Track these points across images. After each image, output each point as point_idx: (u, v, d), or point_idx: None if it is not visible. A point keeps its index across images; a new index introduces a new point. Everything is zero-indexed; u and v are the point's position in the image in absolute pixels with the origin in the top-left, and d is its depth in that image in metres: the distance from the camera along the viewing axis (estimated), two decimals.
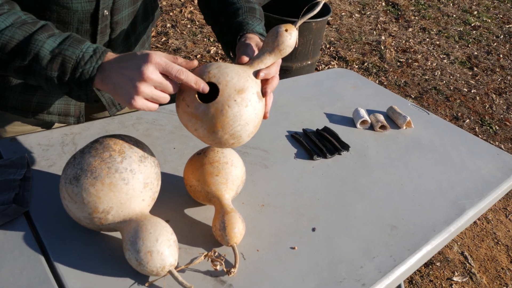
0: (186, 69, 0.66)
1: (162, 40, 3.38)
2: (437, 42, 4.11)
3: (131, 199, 0.65)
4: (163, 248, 0.62)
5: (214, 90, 0.68)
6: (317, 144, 1.06)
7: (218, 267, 0.67)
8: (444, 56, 3.89)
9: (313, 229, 0.81)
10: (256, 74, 0.71)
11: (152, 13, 1.04)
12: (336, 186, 0.94)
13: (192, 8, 3.88)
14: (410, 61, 3.68)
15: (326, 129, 1.12)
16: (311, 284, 0.70)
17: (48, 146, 0.90)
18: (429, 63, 3.71)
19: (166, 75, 0.66)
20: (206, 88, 0.66)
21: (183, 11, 3.81)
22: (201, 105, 0.67)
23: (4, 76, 0.89)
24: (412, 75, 3.48)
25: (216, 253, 0.68)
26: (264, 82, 0.73)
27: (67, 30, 0.84)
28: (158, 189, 0.72)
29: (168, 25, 3.58)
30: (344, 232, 0.82)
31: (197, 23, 3.66)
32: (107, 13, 0.86)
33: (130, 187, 0.65)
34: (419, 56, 3.80)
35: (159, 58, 0.65)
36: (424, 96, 3.24)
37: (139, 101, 0.64)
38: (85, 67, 0.66)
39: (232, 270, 0.67)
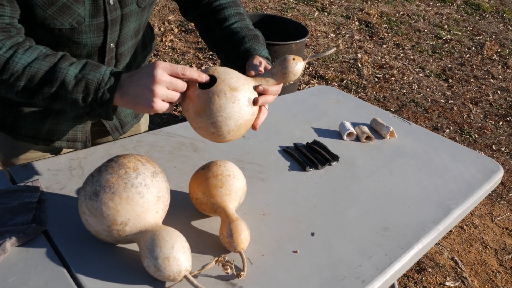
0: (188, 67, 0.75)
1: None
2: (412, 57, 4.29)
3: (146, 211, 0.71)
4: (179, 254, 0.68)
5: (214, 83, 0.77)
6: (308, 156, 1.13)
7: (228, 271, 0.72)
8: (420, 69, 4.06)
9: (312, 234, 0.88)
10: (255, 87, 0.80)
11: (150, 43, 1.12)
12: (329, 194, 1.01)
13: (172, 37, 3.98)
14: (387, 76, 3.83)
15: (315, 142, 1.20)
16: (315, 284, 0.76)
17: (57, 170, 0.95)
18: (405, 77, 3.87)
19: (173, 76, 0.75)
20: (207, 78, 0.75)
21: (163, 40, 3.90)
22: (197, 89, 0.76)
23: (18, 107, 0.94)
24: (390, 90, 3.62)
25: (226, 258, 0.73)
26: (261, 95, 0.81)
27: None
28: (168, 203, 0.78)
29: (151, 54, 3.66)
30: (340, 235, 0.88)
31: (178, 50, 3.75)
32: (113, 46, 0.93)
33: (145, 200, 0.70)
34: (395, 71, 3.96)
35: (164, 63, 0.74)
36: (403, 109, 3.37)
37: (158, 103, 0.73)
38: (105, 87, 0.75)
39: (242, 273, 0.73)
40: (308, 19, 4.84)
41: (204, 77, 0.76)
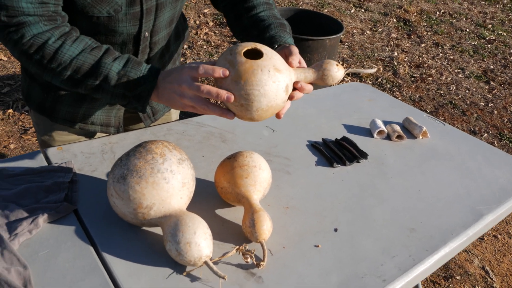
0: (210, 67, 0.76)
1: (181, 61, 3.50)
2: (451, 57, 4.16)
3: (171, 197, 0.72)
4: (200, 240, 0.69)
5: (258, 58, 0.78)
6: (336, 152, 1.12)
7: (248, 260, 0.73)
8: (459, 70, 3.93)
9: (335, 230, 0.87)
10: (295, 82, 0.82)
11: (183, 33, 1.14)
12: (355, 191, 0.99)
13: (207, 30, 4.01)
14: (424, 76, 3.73)
15: (344, 138, 1.19)
16: (335, 279, 0.76)
17: (90, 154, 0.99)
18: (444, 78, 3.76)
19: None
20: (226, 72, 0.76)
21: (198, 33, 3.94)
22: (242, 57, 0.76)
23: (56, 91, 0.98)
24: (426, 90, 3.53)
25: (247, 247, 0.74)
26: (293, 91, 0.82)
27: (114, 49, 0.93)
28: (193, 190, 0.80)
29: (185, 46, 3.70)
30: (364, 233, 0.87)
31: (212, 44, 3.78)
32: (147, 35, 0.96)
33: (170, 185, 0.72)
34: (433, 71, 3.85)
35: (191, 69, 0.77)
36: (439, 110, 3.28)
37: (188, 108, 0.79)
38: (144, 85, 0.80)
39: (261, 263, 0.73)
40: (344, 15, 4.76)
41: (221, 72, 0.76)
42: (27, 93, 1.03)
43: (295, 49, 0.86)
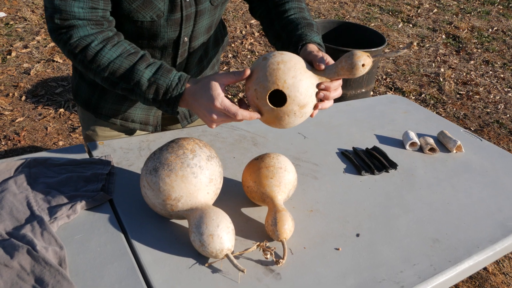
0: (239, 110, 0.81)
1: (224, 69, 3.59)
2: (502, 75, 4.01)
3: (198, 191, 0.77)
4: (223, 233, 0.72)
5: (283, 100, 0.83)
6: (365, 161, 1.13)
7: (268, 256, 0.76)
8: (509, 89, 3.78)
9: (357, 235, 0.88)
10: (318, 84, 0.84)
11: (222, 40, 1.20)
12: (381, 200, 1.00)
13: (252, 40, 4.10)
14: (471, 93, 3.62)
15: (375, 148, 1.19)
16: (352, 282, 0.77)
17: (128, 150, 1.05)
18: (492, 96, 3.63)
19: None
20: (257, 116, 0.83)
21: (243, 42, 4.03)
22: (268, 105, 0.82)
23: (102, 90, 1.07)
24: (472, 108, 3.42)
25: (267, 244, 0.77)
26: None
27: (155, 52, 1.02)
28: (220, 187, 0.84)
29: (230, 55, 3.80)
30: (386, 241, 0.88)
31: (256, 53, 3.86)
32: (186, 40, 1.02)
33: (198, 180, 0.76)
34: (481, 88, 3.72)
35: (220, 104, 0.81)
36: (485, 129, 3.17)
37: (214, 126, 0.85)
38: (172, 93, 0.87)
39: (281, 260, 0.76)
40: (391, 30, 4.72)
41: (255, 116, 0.83)
42: (76, 90, 1.12)
43: (318, 52, 0.88)
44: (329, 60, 0.87)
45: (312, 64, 0.87)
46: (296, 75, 0.81)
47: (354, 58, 0.80)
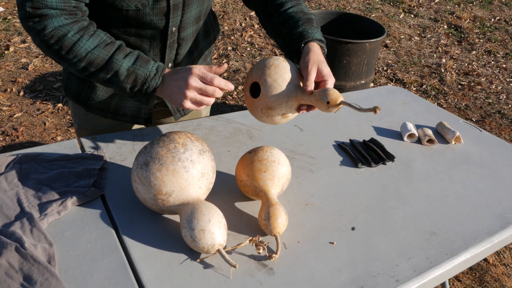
0: (217, 76, 0.87)
1: (223, 61, 3.57)
2: (504, 65, 3.97)
3: (190, 185, 0.75)
4: (214, 228, 0.71)
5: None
6: (362, 153, 1.11)
7: (261, 251, 0.74)
8: (511, 79, 3.74)
9: (353, 228, 0.87)
10: (299, 107, 0.93)
11: (213, 31, 1.18)
12: (378, 192, 0.99)
13: (252, 32, 4.06)
14: (472, 84, 3.59)
15: (372, 140, 1.18)
16: (346, 276, 0.76)
17: (121, 144, 1.04)
18: (493, 87, 3.59)
19: (204, 82, 0.87)
20: (231, 87, 0.89)
21: (243, 35, 4.00)
22: (247, 91, 0.96)
23: (92, 83, 1.05)
24: (474, 98, 3.39)
25: (260, 239, 0.76)
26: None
27: (143, 43, 1.00)
28: (213, 181, 0.82)
29: (229, 48, 3.78)
30: (382, 234, 0.86)
31: (256, 46, 3.83)
32: (174, 30, 1.00)
33: (189, 174, 0.75)
34: (482, 79, 3.69)
35: (198, 70, 0.86)
36: (486, 119, 3.14)
37: (187, 104, 0.87)
38: (151, 83, 0.89)
39: (274, 255, 0.75)
40: (392, 20, 4.67)
41: (229, 87, 0.88)
42: (66, 83, 1.11)
43: (311, 69, 0.91)
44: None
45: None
46: (277, 80, 0.89)
47: (325, 93, 0.86)
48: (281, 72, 0.89)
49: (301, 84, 0.91)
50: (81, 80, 1.06)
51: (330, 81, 0.92)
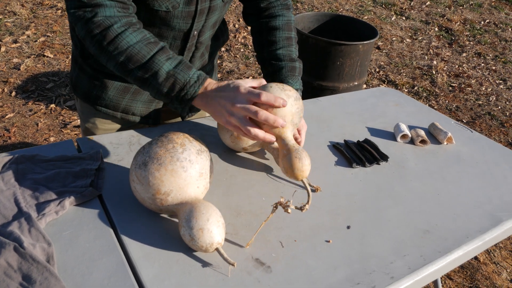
0: (272, 95, 0.82)
1: (217, 62, 3.58)
2: (493, 67, 4.03)
3: (188, 185, 0.76)
4: (213, 227, 0.72)
5: None
6: (357, 153, 1.13)
7: (289, 210, 0.75)
8: (501, 81, 3.80)
9: (348, 227, 0.88)
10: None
11: (221, 35, 1.22)
12: (372, 192, 1.00)
13: (245, 33, 4.08)
14: (463, 85, 3.64)
15: (366, 141, 1.19)
16: (342, 273, 0.77)
17: (118, 144, 1.05)
18: (483, 88, 3.65)
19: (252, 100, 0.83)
20: (285, 103, 0.83)
21: (236, 36, 4.02)
22: None
23: (103, 82, 1.07)
24: (464, 100, 3.44)
25: (281, 199, 0.75)
26: None
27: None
28: (211, 181, 0.83)
29: (223, 49, 3.78)
30: (377, 232, 0.88)
31: (249, 47, 3.84)
32: (196, 34, 1.04)
33: (188, 174, 0.76)
34: (473, 81, 3.74)
35: (245, 86, 0.83)
36: (476, 121, 3.19)
37: (231, 124, 0.84)
38: (189, 90, 0.86)
39: (306, 206, 0.77)
40: (384, 22, 4.72)
41: (281, 102, 0.82)
42: (75, 82, 1.11)
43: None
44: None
45: None
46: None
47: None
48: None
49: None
50: (91, 79, 1.07)
51: (303, 131, 1.03)
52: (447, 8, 5.33)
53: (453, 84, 3.63)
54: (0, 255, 0.66)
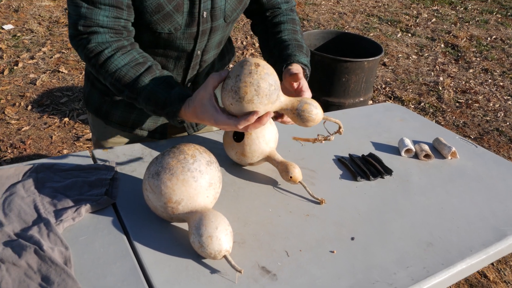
0: (239, 124, 0.85)
1: None
2: (501, 83, 4.05)
3: (198, 194, 0.80)
4: (221, 235, 0.75)
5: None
6: (361, 167, 1.16)
7: (331, 138, 0.93)
8: (509, 97, 3.81)
9: (352, 238, 0.91)
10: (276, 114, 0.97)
11: (228, 54, 1.26)
12: (376, 205, 1.03)
13: (253, 50, 4.15)
14: (470, 101, 3.65)
15: (371, 155, 1.22)
16: (346, 283, 0.79)
17: (131, 156, 1.09)
18: (491, 104, 3.66)
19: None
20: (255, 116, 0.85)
21: (244, 53, 4.09)
22: (230, 137, 1.06)
23: (112, 98, 1.13)
24: (472, 116, 3.45)
25: (319, 136, 0.93)
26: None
27: (168, 63, 1.08)
28: (219, 191, 0.87)
29: (231, 65, 3.86)
30: (380, 244, 0.90)
31: None
32: (199, 53, 1.08)
33: (198, 184, 0.80)
34: (480, 97, 3.76)
35: (219, 122, 0.86)
36: (484, 137, 3.19)
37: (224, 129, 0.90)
38: (170, 107, 0.91)
39: (330, 137, 0.93)
40: (390, 39, 4.77)
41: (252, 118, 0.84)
42: (87, 97, 1.17)
43: (299, 74, 0.94)
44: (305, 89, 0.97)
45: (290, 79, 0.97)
46: (259, 138, 1.03)
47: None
48: (264, 132, 1.03)
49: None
50: (102, 95, 1.12)
51: (308, 93, 0.99)
52: (452, 25, 5.38)
53: (460, 100, 3.65)
54: (21, 257, 0.70)
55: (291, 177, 1.00)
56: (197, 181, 0.80)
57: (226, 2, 1.03)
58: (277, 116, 0.97)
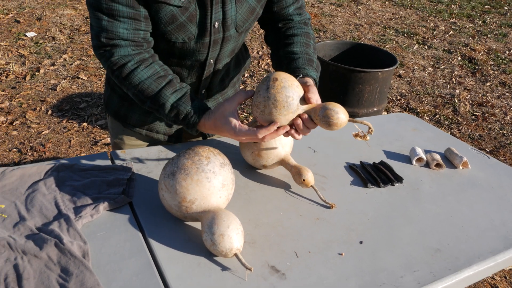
0: (258, 133, 0.92)
1: (241, 87, 3.70)
2: None
3: (211, 195, 0.83)
4: (233, 233, 0.78)
5: None
6: (372, 174, 1.17)
7: (363, 136, 0.97)
8: None
9: (361, 242, 0.93)
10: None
11: (243, 62, 1.30)
12: (386, 211, 1.04)
13: (268, 60, 4.20)
14: (486, 115, 3.63)
15: (382, 162, 1.24)
16: (353, 284, 0.81)
17: (148, 158, 1.13)
18: (508, 118, 3.62)
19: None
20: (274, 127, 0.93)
21: (260, 62, 4.14)
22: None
23: (131, 102, 1.18)
24: (488, 129, 3.42)
25: (358, 133, 0.97)
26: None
27: (182, 71, 1.12)
28: (232, 192, 0.90)
29: (247, 74, 3.91)
30: (389, 248, 0.92)
31: None
32: (212, 62, 1.12)
33: (211, 184, 0.83)
34: (497, 110, 3.73)
35: (240, 131, 0.93)
36: (500, 150, 3.16)
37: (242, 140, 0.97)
38: (190, 120, 0.99)
39: (367, 135, 0.97)
40: (406, 51, 4.77)
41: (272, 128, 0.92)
42: (107, 101, 1.22)
43: (312, 86, 0.96)
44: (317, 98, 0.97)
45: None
46: (275, 141, 1.07)
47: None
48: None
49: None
50: (121, 99, 1.17)
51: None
52: (470, 38, 5.35)
53: (476, 113, 3.63)
54: (42, 249, 0.73)
55: (304, 180, 1.02)
56: (211, 182, 0.83)
57: (237, 13, 1.07)
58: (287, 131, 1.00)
